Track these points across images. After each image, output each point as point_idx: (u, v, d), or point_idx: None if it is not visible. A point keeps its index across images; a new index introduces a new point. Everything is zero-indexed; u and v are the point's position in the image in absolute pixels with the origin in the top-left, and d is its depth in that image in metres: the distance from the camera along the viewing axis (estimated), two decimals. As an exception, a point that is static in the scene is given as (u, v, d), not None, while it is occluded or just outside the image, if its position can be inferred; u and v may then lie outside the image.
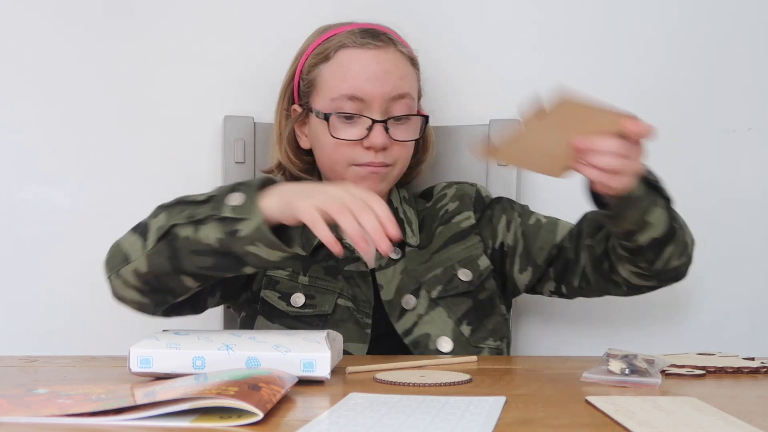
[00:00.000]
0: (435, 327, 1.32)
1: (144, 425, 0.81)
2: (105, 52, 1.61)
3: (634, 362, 1.05)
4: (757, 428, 0.80)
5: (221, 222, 1.08)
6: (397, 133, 1.34)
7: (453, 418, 0.83)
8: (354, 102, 1.32)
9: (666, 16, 1.64)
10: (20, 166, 1.60)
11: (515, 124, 1.56)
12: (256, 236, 1.06)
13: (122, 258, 1.17)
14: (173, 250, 1.12)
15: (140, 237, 1.15)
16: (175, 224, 1.11)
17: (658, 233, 1.18)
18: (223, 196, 1.10)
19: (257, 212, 1.06)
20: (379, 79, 1.33)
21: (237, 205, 1.07)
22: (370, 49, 1.35)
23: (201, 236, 1.09)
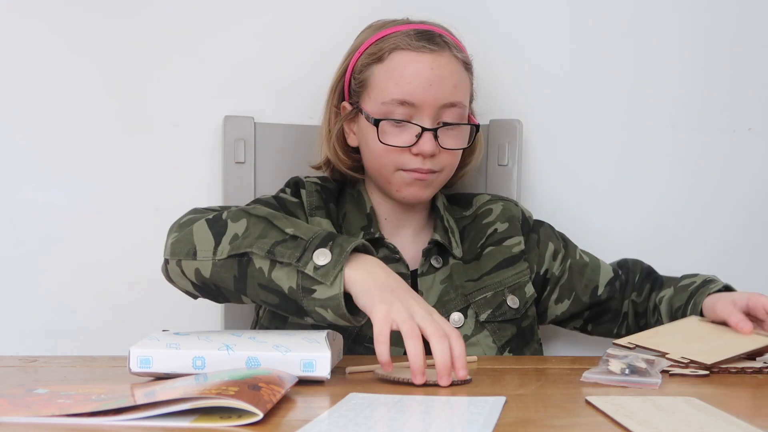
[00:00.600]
0: (479, 350, 1.31)
1: (144, 425, 0.81)
2: (105, 52, 1.61)
3: (634, 362, 1.05)
4: (757, 428, 0.80)
5: (300, 274, 1.06)
6: (447, 141, 1.32)
7: (453, 418, 0.83)
8: (405, 107, 1.30)
9: (666, 16, 1.64)
10: (20, 166, 1.60)
11: (515, 124, 1.57)
12: (330, 304, 1.05)
13: (189, 250, 1.14)
14: (242, 274, 1.11)
15: (214, 236, 1.13)
16: (254, 252, 1.09)
17: None
18: (312, 245, 1.07)
19: (339, 284, 1.04)
20: (432, 85, 1.30)
21: (321, 266, 1.05)
22: (425, 53, 1.32)
23: (274, 276, 1.08)
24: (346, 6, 1.58)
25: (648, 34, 1.64)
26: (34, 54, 1.60)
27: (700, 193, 1.64)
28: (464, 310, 1.33)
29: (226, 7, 1.62)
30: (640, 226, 1.65)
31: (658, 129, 1.64)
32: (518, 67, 1.64)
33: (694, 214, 1.64)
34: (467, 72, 1.37)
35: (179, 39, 1.62)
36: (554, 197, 1.64)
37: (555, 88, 1.64)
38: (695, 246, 1.64)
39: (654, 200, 1.64)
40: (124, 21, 1.61)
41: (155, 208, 1.61)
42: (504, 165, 1.57)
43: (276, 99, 1.60)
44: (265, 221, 1.12)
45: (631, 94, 1.64)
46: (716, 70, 1.64)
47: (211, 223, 1.15)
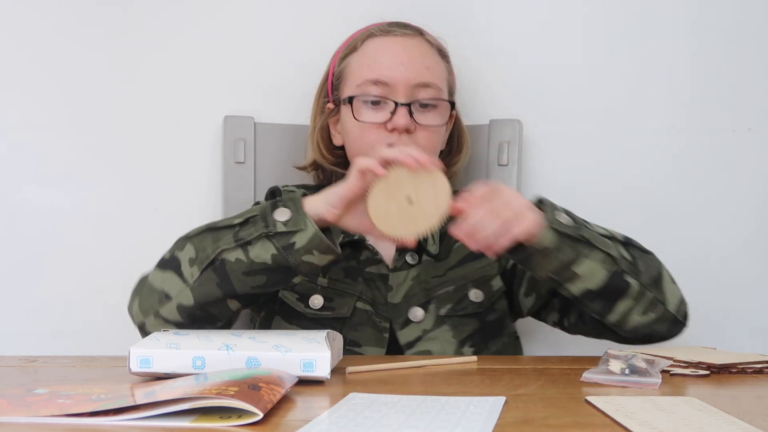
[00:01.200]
0: (438, 345, 1.30)
1: (144, 425, 0.81)
2: (105, 52, 1.61)
3: (634, 362, 1.05)
4: (757, 428, 0.80)
5: (274, 238, 1.11)
6: (422, 118, 1.33)
7: (453, 418, 0.83)
8: (379, 86, 1.33)
9: (667, 17, 1.64)
10: (20, 166, 1.60)
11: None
12: (312, 244, 1.11)
13: (159, 297, 1.18)
14: (223, 276, 1.14)
15: (174, 272, 1.17)
16: (223, 250, 1.14)
17: (592, 286, 1.17)
18: (268, 213, 1.13)
19: (309, 222, 1.11)
20: (404, 64, 1.33)
21: (287, 220, 1.12)
22: (397, 36, 1.37)
23: (253, 256, 1.13)
24: (347, 7, 1.58)
25: (648, 34, 1.64)
26: (34, 54, 1.60)
27: (700, 193, 1.64)
28: (425, 305, 1.32)
29: (226, 8, 1.62)
30: (640, 225, 1.64)
31: (658, 129, 1.64)
32: (518, 67, 1.64)
33: (694, 214, 1.64)
34: (443, 60, 1.41)
35: (179, 39, 1.62)
36: (554, 197, 1.63)
37: (555, 88, 1.64)
38: (695, 246, 1.64)
39: (654, 200, 1.64)
40: (124, 21, 1.61)
41: (155, 208, 1.61)
42: (504, 165, 1.57)
43: (276, 99, 1.60)
44: (209, 231, 1.18)
45: (632, 94, 1.64)
46: (716, 70, 1.64)
47: (161, 267, 1.19)
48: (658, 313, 1.22)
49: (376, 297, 1.32)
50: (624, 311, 1.20)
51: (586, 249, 1.15)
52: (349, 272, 1.33)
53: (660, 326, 1.24)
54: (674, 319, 1.24)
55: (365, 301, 1.31)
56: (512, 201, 1.12)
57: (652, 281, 1.21)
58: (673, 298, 1.24)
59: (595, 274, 1.16)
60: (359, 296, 1.31)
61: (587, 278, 1.16)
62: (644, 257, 1.24)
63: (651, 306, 1.21)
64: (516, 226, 1.10)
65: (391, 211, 1.10)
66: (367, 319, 1.30)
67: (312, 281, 1.32)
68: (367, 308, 1.31)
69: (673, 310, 1.23)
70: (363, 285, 1.32)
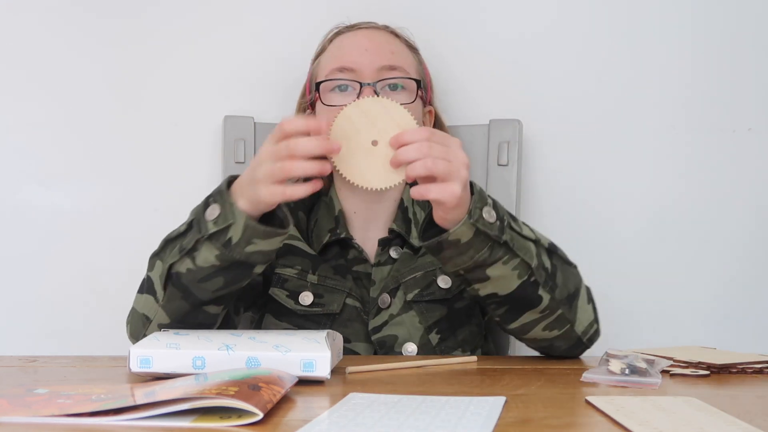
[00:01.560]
0: (404, 330, 1.30)
1: (144, 425, 0.81)
2: (105, 52, 1.61)
3: (634, 362, 1.05)
4: (757, 428, 0.80)
5: (211, 240, 1.08)
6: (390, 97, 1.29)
7: (453, 418, 0.83)
8: (344, 72, 1.33)
9: (667, 17, 1.64)
10: (21, 166, 1.60)
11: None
12: (248, 235, 1.07)
13: (142, 321, 1.18)
14: (183, 289, 1.13)
15: (148, 293, 1.17)
16: (172, 264, 1.12)
17: (499, 291, 1.13)
18: (200, 215, 1.10)
19: (238, 213, 1.07)
20: (369, 50, 1.34)
21: (216, 217, 1.08)
22: (361, 29, 1.39)
23: (200, 262, 1.10)
24: (347, 7, 1.58)
25: (648, 34, 1.64)
26: (34, 54, 1.60)
27: (700, 192, 1.64)
28: (394, 291, 1.31)
29: (226, 8, 1.62)
30: (640, 225, 1.65)
31: (658, 129, 1.64)
32: (518, 67, 1.64)
33: (694, 213, 1.64)
34: (411, 51, 1.41)
35: (179, 39, 1.62)
36: (554, 197, 1.64)
37: (555, 88, 1.64)
38: (695, 246, 1.64)
39: (654, 200, 1.64)
40: (124, 21, 1.61)
41: (155, 208, 1.61)
42: (504, 165, 1.57)
43: (276, 99, 1.60)
44: (168, 243, 1.16)
45: (632, 94, 1.64)
46: (716, 70, 1.64)
47: (140, 290, 1.20)
48: (562, 330, 1.19)
49: (363, 295, 1.32)
50: (527, 322, 1.17)
51: (504, 253, 1.10)
52: (338, 270, 1.33)
53: (560, 343, 1.20)
54: (578, 340, 1.21)
55: (354, 298, 1.31)
56: (455, 151, 1.06)
57: (566, 297, 1.17)
58: (583, 319, 1.20)
59: (506, 279, 1.12)
60: (349, 293, 1.31)
61: (497, 283, 1.12)
62: (565, 269, 1.19)
63: (557, 323, 1.18)
64: (444, 187, 1.04)
65: (357, 161, 1.05)
66: (357, 316, 1.30)
67: (302, 278, 1.32)
68: (356, 305, 1.31)
69: (579, 331, 1.20)
70: (352, 282, 1.32)
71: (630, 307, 1.63)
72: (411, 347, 1.29)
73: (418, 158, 1.04)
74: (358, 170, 1.07)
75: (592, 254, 1.63)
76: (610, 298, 1.62)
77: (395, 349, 1.29)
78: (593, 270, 1.62)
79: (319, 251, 1.34)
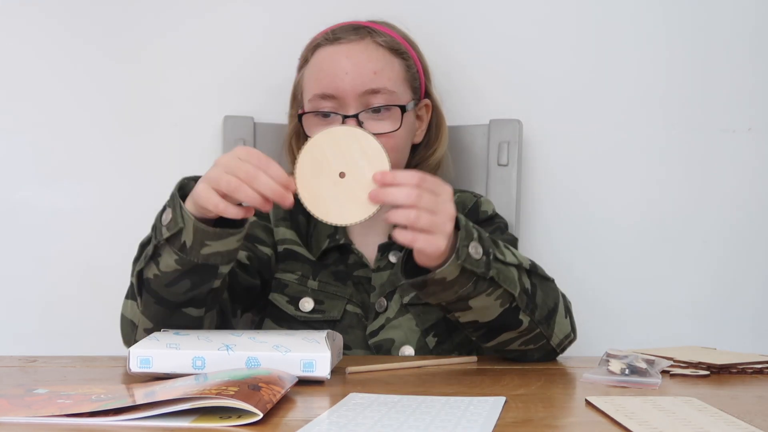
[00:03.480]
0: (401, 333, 1.29)
1: (144, 425, 0.81)
2: (105, 52, 1.61)
3: (634, 362, 1.05)
4: (757, 428, 0.80)
5: (168, 243, 1.07)
6: (374, 126, 1.28)
7: (453, 418, 0.83)
8: (328, 101, 1.30)
9: (666, 16, 1.64)
10: (20, 166, 1.60)
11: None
12: (200, 237, 1.05)
13: (131, 327, 1.18)
14: (155, 294, 1.12)
15: (132, 299, 1.16)
16: (141, 270, 1.12)
17: (482, 319, 1.12)
18: (158, 219, 1.10)
19: (186, 216, 1.05)
20: (349, 73, 1.30)
21: (169, 222, 1.07)
22: (341, 44, 1.33)
23: (163, 267, 1.09)
24: (347, 7, 1.58)
25: (648, 34, 1.64)
26: (34, 54, 1.60)
27: (700, 192, 1.64)
28: (390, 295, 1.31)
29: (226, 8, 1.62)
30: (640, 225, 1.65)
31: (659, 129, 1.64)
32: (518, 67, 1.64)
33: (693, 213, 1.64)
34: (396, 57, 1.35)
35: (179, 39, 1.62)
36: (554, 197, 1.64)
37: (555, 88, 1.64)
38: (695, 246, 1.64)
39: (654, 200, 1.64)
40: (124, 21, 1.61)
41: (155, 208, 1.60)
42: (504, 165, 1.57)
43: (276, 99, 1.60)
44: (140, 246, 1.14)
45: (631, 94, 1.64)
46: (716, 70, 1.64)
47: (127, 295, 1.18)
48: (537, 345, 1.18)
49: (364, 300, 1.32)
50: (504, 340, 1.16)
51: (488, 286, 1.08)
52: (338, 276, 1.32)
53: (534, 354, 1.20)
54: (552, 351, 1.20)
55: (355, 304, 1.31)
56: (443, 203, 1.03)
57: (545, 317, 1.16)
58: (559, 333, 1.19)
59: (489, 309, 1.11)
60: (349, 299, 1.31)
61: (479, 312, 1.11)
62: (545, 287, 1.17)
63: (534, 340, 1.17)
64: (430, 240, 1.01)
65: (322, 192, 1.01)
66: (357, 322, 1.30)
67: (302, 284, 1.31)
68: (357, 311, 1.31)
69: (554, 344, 1.19)
70: (352, 288, 1.32)
71: (630, 307, 1.63)
72: (408, 350, 1.29)
73: (405, 204, 1.00)
74: (322, 202, 1.02)
75: (591, 254, 1.64)
76: (609, 298, 1.63)
77: (392, 352, 1.29)
78: (593, 270, 1.63)
79: (318, 257, 1.33)
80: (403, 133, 1.33)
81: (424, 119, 1.41)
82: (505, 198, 1.54)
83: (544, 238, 1.62)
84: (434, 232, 1.01)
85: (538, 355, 1.20)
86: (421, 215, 1.00)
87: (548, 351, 1.20)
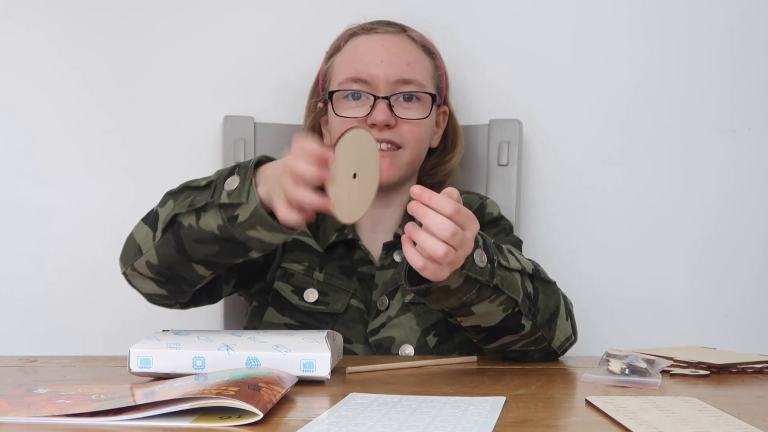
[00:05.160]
0: (401, 332, 1.30)
1: (144, 425, 0.81)
2: (105, 52, 1.61)
3: (634, 362, 1.05)
4: (757, 428, 0.80)
5: (221, 208, 1.06)
6: (403, 112, 1.33)
7: (453, 418, 0.83)
8: (359, 84, 1.33)
9: (666, 16, 1.64)
10: (20, 166, 1.60)
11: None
12: (254, 220, 1.04)
13: (135, 250, 1.16)
14: (178, 240, 1.11)
15: (150, 228, 1.14)
16: (178, 213, 1.10)
17: (484, 324, 1.13)
18: (222, 181, 1.07)
19: (253, 196, 1.03)
20: (384, 61, 1.33)
21: (233, 190, 1.05)
22: (378, 34, 1.37)
23: (203, 224, 1.08)
24: (347, 7, 1.58)
25: (648, 34, 1.64)
26: (34, 54, 1.60)
27: (700, 193, 1.64)
28: (392, 293, 1.31)
29: (226, 8, 1.62)
30: (640, 225, 1.65)
31: (658, 129, 1.64)
32: (518, 67, 1.64)
33: (693, 213, 1.64)
34: (427, 56, 1.39)
35: (180, 40, 1.62)
36: (554, 197, 1.64)
37: (555, 88, 1.64)
38: (695, 246, 1.64)
39: (654, 200, 1.64)
40: (124, 21, 1.61)
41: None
42: (504, 165, 1.57)
43: (276, 99, 1.60)
44: (186, 189, 1.12)
45: (631, 94, 1.64)
46: (716, 70, 1.64)
47: (144, 219, 1.17)
48: (539, 347, 1.18)
49: (367, 297, 1.32)
50: (506, 343, 1.17)
51: (491, 293, 1.08)
52: (344, 270, 1.33)
53: (535, 355, 1.20)
54: (553, 353, 1.20)
55: (359, 300, 1.31)
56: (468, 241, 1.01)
57: (546, 321, 1.16)
58: (561, 335, 1.19)
59: (491, 315, 1.11)
60: (354, 293, 1.31)
61: (482, 318, 1.11)
62: (547, 290, 1.17)
63: (535, 342, 1.17)
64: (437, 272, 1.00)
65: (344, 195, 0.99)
66: (359, 317, 1.30)
67: (308, 275, 1.31)
68: (360, 306, 1.31)
69: (555, 346, 1.19)
70: (357, 284, 1.32)
71: (630, 307, 1.63)
72: (408, 349, 1.29)
73: (438, 235, 0.98)
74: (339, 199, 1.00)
75: (591, 254, 1.64)
76: (609, 298, 1.63)
77: (392, 351, 1.29)
78: (593, 270, 1.63)
79: (325, 249, 1.34)
80: (429, 123, 1.36)
81: (441, 125, 1.43)
82: (505, 198, 1.54)
83: (544, 238, 1.62)
84: (446, 266, 1.00)
85: (539, 356, 1.20)
86: (449, 252, 0.99)
87: (549, 353, 1.20)
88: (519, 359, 1.21)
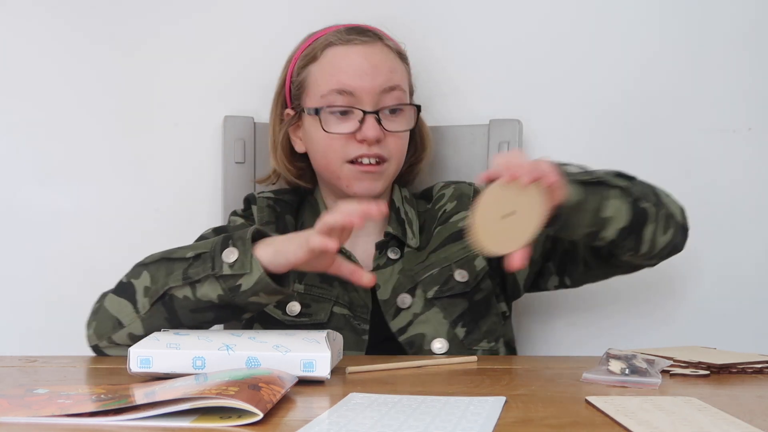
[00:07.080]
0: (430, 327, 1.30)
1: (144, 425, 0.81)
2: (105, 52, 1.61)
3: (634, 362, 1.06)
4: (757, 428, 0.80)
5: (220, 279, 1.12)
6: (390, 125, 1.34)
7: (453, 418, 0.83)
8: (344, 96, 1.33)
9: (666, 16, 1.64)
10: (20, 166, 1.60)
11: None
12: (258, 288, 1.11)
13: (113, 324, 1.19)
14: (171, 312, 1.16)
15: (128, 300, 1.18)
16: (172, 287, 1.15)
17: (623, 223, 1.18)
18: (217, 252, 1.13)
19: (257, 266, 1.10)
20: (368, 73, 1.34)
21: (234, 261, 1.11)
22: (356, 45, 1.36)
23: (200, 295, 1.14)
24: (346, 6, 1.58)
25: (648, 33, 1.64)
26: (34, 54, 1.60)
27: (699, 193, 1.64)
28: (412, 290, 1.32)
29: (226, 8, 1.62)
30: (640, 226, 1.65)
31: (658, 129, 1.64)
32: (518, 67, 1.64)
33: (694, 213, 1.64)
34: (402, 61, 1.41)
35: (179, 39, 1.62)
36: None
37: (555, 88, 1.63)
38: (695, 245, 1.64)
39: (654, 200, 1.64)
40: (124, 22, 1.61)
41: (155, 208, 1.61)
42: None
43: (274, 102, 1.60)
44: (164, 261, 1.18)
45: (631, 93, 1.64)
46: (716, 69, 1.64)
47: (118, 292, 1.21)
48: (674, 226, 1.26)
49: (354, 299, 1.32)
50: (651, 237, 1.23)
51: (605, 190, 1.16)
52: (324, 278, 1.32)
53: (678, 239, 1.28)
54: (684, 227, 1.29)
55: (342, 305, 1.31)
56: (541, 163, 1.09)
57: (656, 201, 1.23)
58: (676, 209, 1.28)
59: (621, 211, 1.17)
60: (335, 300, 1.31)
61: (617, 218, 1.17)
62: (636, 182, 1.25)
63: (667, 222, 1.24)
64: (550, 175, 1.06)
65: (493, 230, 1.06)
66: (345, 323, 1.30)
67: None
68: (344, 312, 1.31)
69: (680, 219, 1.28)
70: (339, 289, 1.32)
71: (630, 307, 1.63)
72: (440, 343, 1.30)
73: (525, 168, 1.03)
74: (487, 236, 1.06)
75: (592, 254, 1.63)
76: (609, 298, 1.63)
77: (424, 347, 1.30)
78: (593, 270, 1.63)
79: None
80: (408, 134, 1.39)
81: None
82: (505, 198, 1.53)
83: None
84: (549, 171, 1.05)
85: (680, 239, 1.29)
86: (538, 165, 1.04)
87: (683, 230, 1.29)
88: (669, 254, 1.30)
